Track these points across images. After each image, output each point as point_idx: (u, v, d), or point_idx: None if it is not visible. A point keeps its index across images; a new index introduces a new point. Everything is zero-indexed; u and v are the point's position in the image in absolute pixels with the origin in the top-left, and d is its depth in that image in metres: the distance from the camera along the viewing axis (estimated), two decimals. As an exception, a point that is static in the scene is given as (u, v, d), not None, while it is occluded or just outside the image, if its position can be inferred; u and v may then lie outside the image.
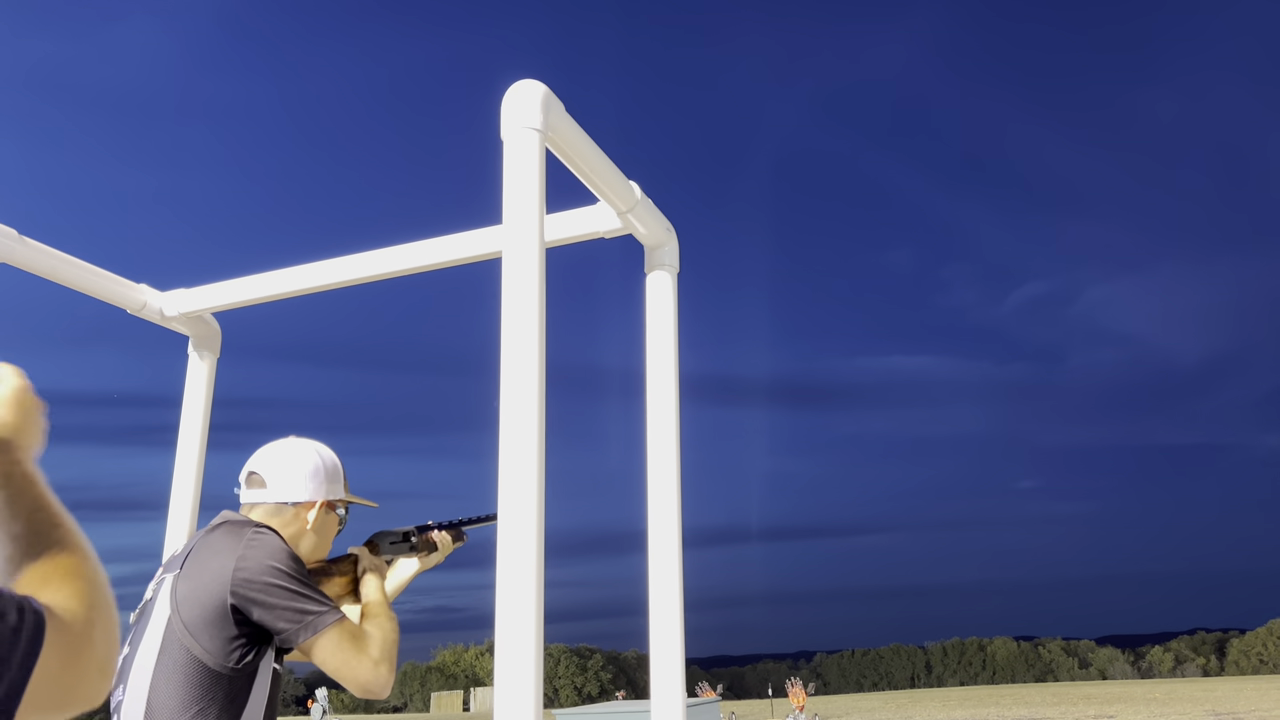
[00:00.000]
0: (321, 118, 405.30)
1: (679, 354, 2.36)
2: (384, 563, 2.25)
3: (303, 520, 2.08)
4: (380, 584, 2.13)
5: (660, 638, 2.20)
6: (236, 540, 1.88)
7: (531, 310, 1.70)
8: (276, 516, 2.06)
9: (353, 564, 2.18)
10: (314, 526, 2.09)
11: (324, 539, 2.14)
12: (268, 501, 2.06)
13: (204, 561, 1.86)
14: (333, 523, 2.16)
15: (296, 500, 2.08)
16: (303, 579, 1.86)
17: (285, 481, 2.08)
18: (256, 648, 1.84)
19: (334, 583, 2.12)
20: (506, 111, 1.83)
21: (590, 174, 2.11)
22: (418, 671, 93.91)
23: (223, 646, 1.79)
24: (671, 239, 2.41)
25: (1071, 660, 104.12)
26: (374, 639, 1.90)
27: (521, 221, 1.75)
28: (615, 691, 67.43)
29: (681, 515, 2.27)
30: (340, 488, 2.17)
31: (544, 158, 1.83)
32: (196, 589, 1.82)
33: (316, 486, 2.10)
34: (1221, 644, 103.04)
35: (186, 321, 2.84)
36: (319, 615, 1.83)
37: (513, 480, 1.62)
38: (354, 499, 2.22)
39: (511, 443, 1.64)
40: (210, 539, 1.92)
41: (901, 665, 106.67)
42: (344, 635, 1.84)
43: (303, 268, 2.66)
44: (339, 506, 2.17)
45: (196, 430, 2.81)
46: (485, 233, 2.44)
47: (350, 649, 1.84)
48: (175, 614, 1.81)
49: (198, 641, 1.78)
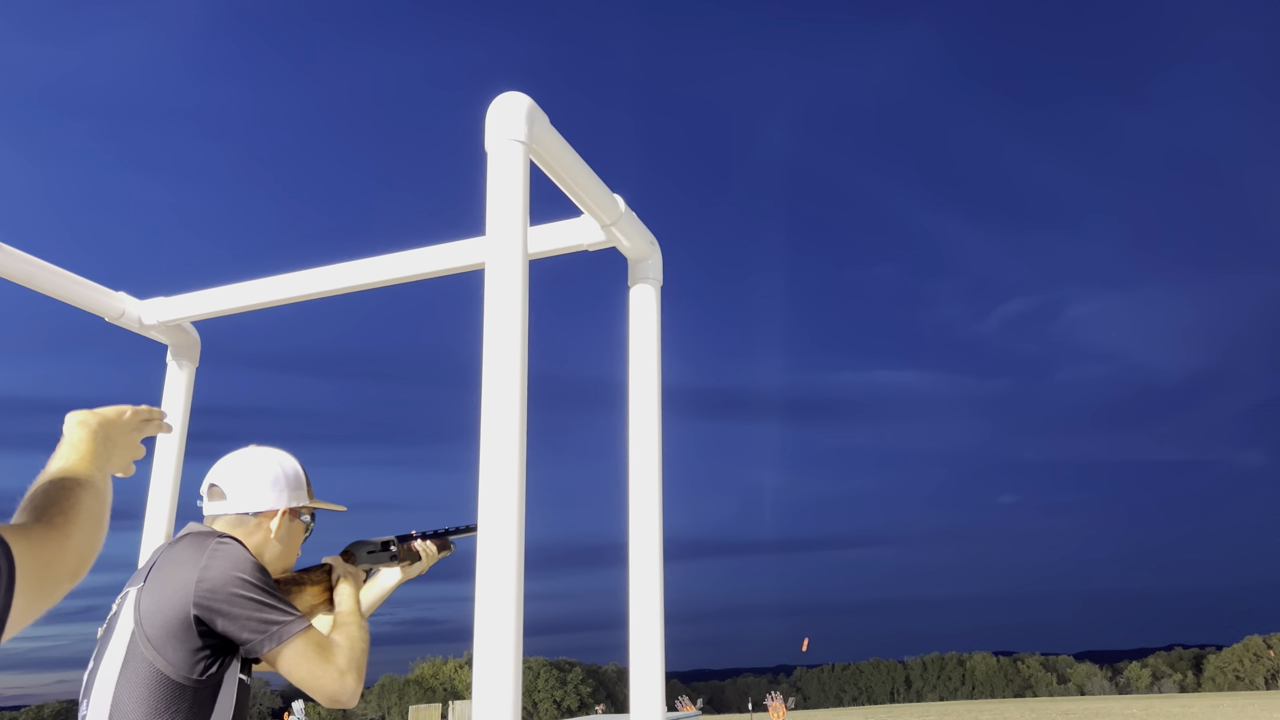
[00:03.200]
0: (304, 127, 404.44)
1: (662, 367, 2.36)
2: (360, 571, 2.22)
3: (266, 530, 2.06)
4: (353, 593, 2.11)
5: (640, 651, 2.19)
6: (199, 551, 1.86)
7: (514, 322, 1.70)
8: (239, 527, 2.04)
9: (326, 573, 2.16)
10: (278, 535, 2.07)
11: (290, 547, 2.11)
12: (229, 513, 2.05)
13: (167, 574, 1.85)
14: (298, 530, 2.13)
15: (258, 510, 2.06)
16: (267, 588, 1.85)
17: (245, 491, 2.06)
18: (221, 659, 1.83)
19: (307, 592, 2.10)
20: (490, 123, 1.83)
21: (574, 186, 2.11)
22: (395, 684, 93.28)
23: (186, 658, 1.78)
24: (655, 252, 2.42)
25: (1050, 675, 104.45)
26: (341, 648, 1.88)
27: (505, 233, 1.75)
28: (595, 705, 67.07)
29: (663, 528, 2.27)
30: (304, 494, 2.14)
31: (528, 170, 1.83)
32: (159, 602, 1.81)
33: (278, 494, 2.08)
34: (1198, 660, 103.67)
35: (165, 330, 2.82)
36: (284, 625, 1.81)
37: (493, 492, 1.62)
38: (319, 504, 2.19)
39: (492, 454, 1.63)
40: (173, 551, 1.91)
41: (881, 680, 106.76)
42: (309, 645, 1.83)
43: (283, 277, 2.65)
44: (304, 513, 2.14)
45: (174, 439, 2.79)
46: (468, 244, 2.44)
47: (316, 658, 1.82)
48: (139, 627, 1.80)
49: (161, 654, 1.77)
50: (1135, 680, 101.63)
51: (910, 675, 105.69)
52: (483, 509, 1.62)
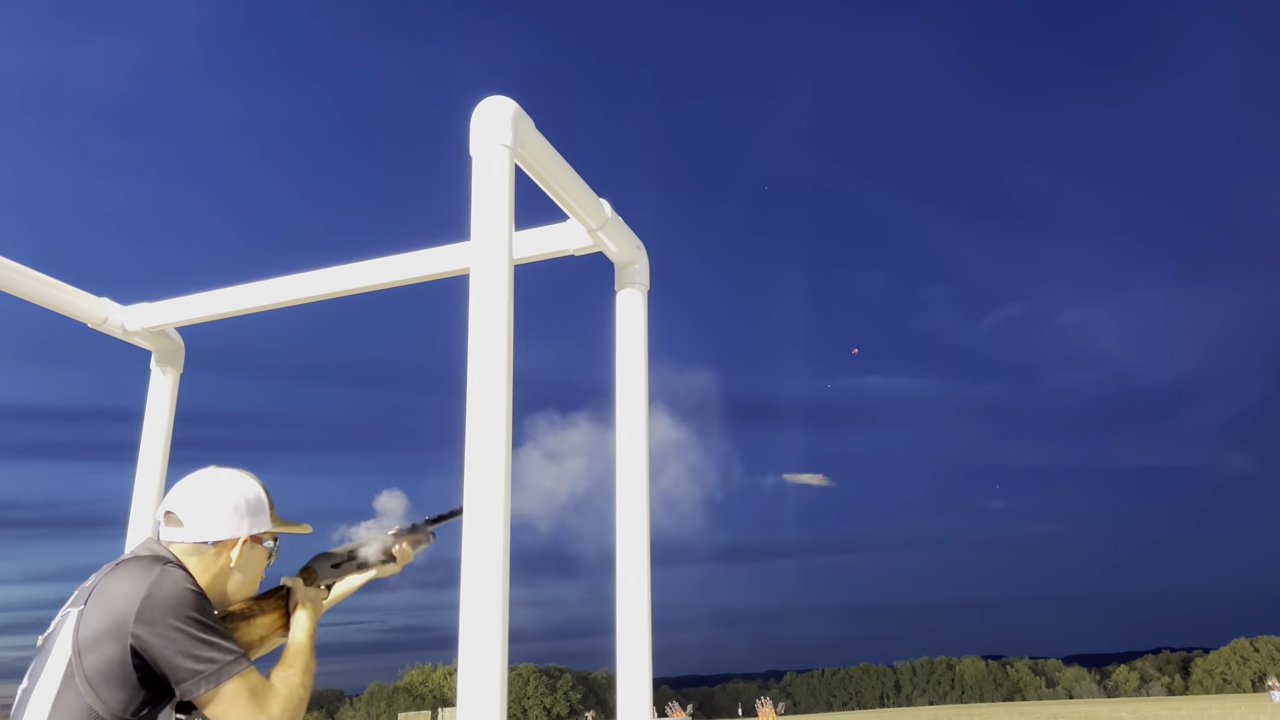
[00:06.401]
0: (289, 133, 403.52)
1: (649, 372, 2.36)
2: (322, 593, 2.06)
3: (225, 559, 1.94)
4: (308, 623, 1.98)
5: (628, 657, 2.19)
6: (143, 579, 1.75)
7: (499, 327, 1.69)
8: (195, 556, 1.91)
9: (283, 598, 2.02)
10: (238, 564, 1.95)
11: (250, 576, 1.98)
12: (185, 541, 1.92)
13: (107, 601, 1.74)
14: (260, 557, 2.00)
15: (217, 539, 1.93)
16: (209, 623, 1.74)
17: (202, 520, 1.93)
18: (155, 701, 1.72)
19: (258, 623, 1.96)
20: (475, 128, 1.82)
21: (560, 191, 2.10)
22: (384, 692, 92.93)
23: (122, 698, 1.68)
24: (642, 257, 2.41)
25: (1039, 679, 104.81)
26: (278, 695, 1.77)
27: (490, 238, 1.74)
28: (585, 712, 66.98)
29: (650, 534, 2.26)
30: (265, 519, 2.00)
31: (513, 174, 1.82)
32: (97, 632, 1.71)
33: (238, 522, 1.95)
34: (1186, 663, 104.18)
35: (149, 336, 2.80)
36: (222, 666, 1.70)
37: (478, 497, 1.61)
38: (282, 527, 2.04)
39: (477, 460, 1.63)
40: (116, 575, 1.79)
41: (871, 684, 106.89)
42: (243, 689, 1.71)
43: (268, 282, 2.64)
44: (266, 539, 2.01)
45: (158, 447, 2.77)
46: (453, 249, 2.43)
47: (248, 705, 1.71)
48: (76, 658, 1.70)
49: (94, 691, 1.68)
50: (1123, 683, 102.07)
51: (899, 680, 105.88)
52: (468, 514, 1.61)
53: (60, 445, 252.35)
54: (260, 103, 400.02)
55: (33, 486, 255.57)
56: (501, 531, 1.60)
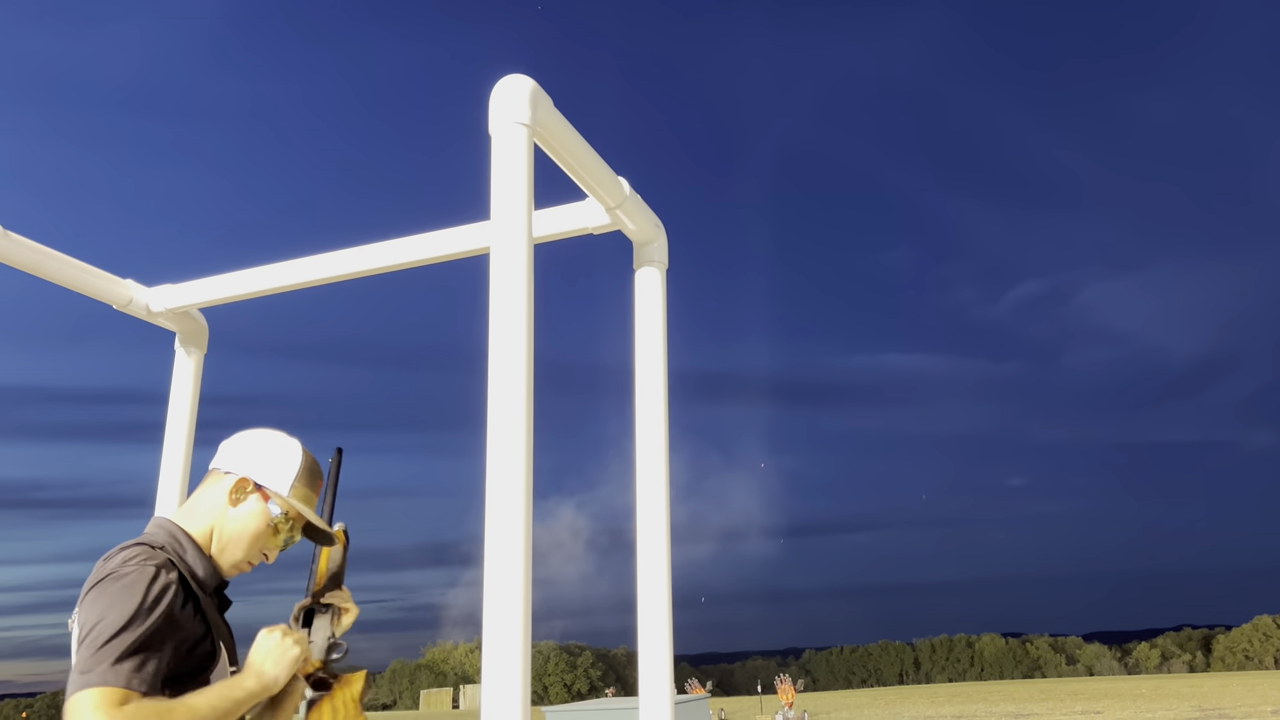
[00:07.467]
0: (310, 115, 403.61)
1: (668, 350, 2.35)
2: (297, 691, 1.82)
3: (224, 489, 1.84)
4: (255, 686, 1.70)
5: (649, 635, 2.20)
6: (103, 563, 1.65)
7: (519, 306, 1.69)
8: (208, 484, 1.86)
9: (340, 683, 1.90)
10: (233, 503, 1.83)
11: (242, 530, 1.82)
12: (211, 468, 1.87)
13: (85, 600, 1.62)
14: (259, 516, 1.84)
15: (227, 469, 1.86)
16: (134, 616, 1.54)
17: (230, 450, 1.89)
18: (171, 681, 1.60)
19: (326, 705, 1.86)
20: (494, 106, 1.82)
21: (579, 169, 2.10)
22: (407, 669, 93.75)
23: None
24: (661, 235, 2.41)
25: (1059, 657, 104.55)
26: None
27: (509, 217, 1.74)
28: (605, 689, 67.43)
29: (670, 512, 2.27)
30: (283, 484, 1.86)
31: (532, 153, 1.82)
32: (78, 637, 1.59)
33: (250, 463, 1.86)
34: (1207, 640, 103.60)
35: (173, 317, 2.82)
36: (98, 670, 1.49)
37: (500, 477, 1.61)
38: (295, 505, 1.87)
39: (499, 440, 1.63)
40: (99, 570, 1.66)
41: (890, 662, 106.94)
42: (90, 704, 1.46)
43: (290, 263, 2.64)
44: (275, 504, 1.85)
45: (183, 427, 2.79)
46: (473, 228, 2.43)
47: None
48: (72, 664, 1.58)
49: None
50: (1144, 660, 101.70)
51: (919, 657, 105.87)
52: (490, 495, 1.62)
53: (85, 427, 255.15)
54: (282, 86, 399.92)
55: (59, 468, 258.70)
56: (524, 511, 1.61)
